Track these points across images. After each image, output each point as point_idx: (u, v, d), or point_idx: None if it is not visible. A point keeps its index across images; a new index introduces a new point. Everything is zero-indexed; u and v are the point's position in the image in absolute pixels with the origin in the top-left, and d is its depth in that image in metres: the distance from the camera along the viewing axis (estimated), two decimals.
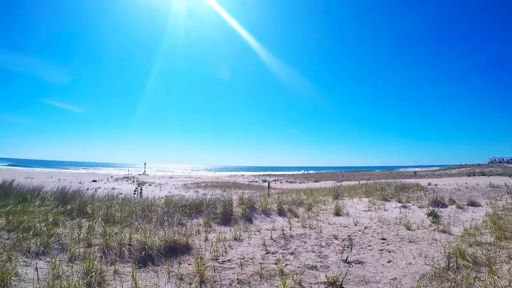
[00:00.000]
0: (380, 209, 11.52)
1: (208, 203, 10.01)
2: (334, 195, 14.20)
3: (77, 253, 5.84)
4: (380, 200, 13.54)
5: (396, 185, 19.08)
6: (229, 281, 5.04)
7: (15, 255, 5.56)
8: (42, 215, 8.12)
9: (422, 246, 6.79)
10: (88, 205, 9.40)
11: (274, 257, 6.20)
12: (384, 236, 7.71)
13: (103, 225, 7.61)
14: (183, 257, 6.13)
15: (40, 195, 10.54)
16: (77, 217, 8.31)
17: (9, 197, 9.80)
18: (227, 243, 7.03)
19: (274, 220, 9.50)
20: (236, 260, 6.00)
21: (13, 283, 4.45)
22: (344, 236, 7.73)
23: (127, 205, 9.71)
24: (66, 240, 6.50)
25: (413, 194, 15.63)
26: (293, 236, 7.73)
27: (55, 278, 4.62)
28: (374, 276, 5.20)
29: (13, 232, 6.90)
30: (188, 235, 7.17)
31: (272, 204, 10.97)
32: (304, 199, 12.61)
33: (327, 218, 9.78)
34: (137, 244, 6.21)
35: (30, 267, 5.16)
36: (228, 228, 8.42)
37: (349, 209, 11.31)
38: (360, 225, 8.98)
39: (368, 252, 6.52)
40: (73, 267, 5.15)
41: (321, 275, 5.23)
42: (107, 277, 4.98)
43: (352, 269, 5.50)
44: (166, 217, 8.71)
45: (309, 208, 11.06)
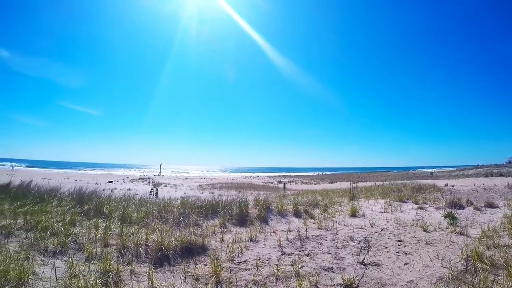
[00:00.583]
0: (396, 211, 11.42)
1: (224, 204, 10.04)
2: (350, 196, 14.12)
3: (94, 253, 5.91)
4: (397, 201, 13.41)
5: (412, 186, 18.90)
6: (245, 282, 5.04)
7: (33, 254, 5.64)
8: (59, 215, 8.21)
9: (439, 248, 6.71)
10: (105, 205, 9.47)
11: (290, 258, 6.19)
12: (401, 238, 7.64)
13: (119, 225, 7.66)
14: (199, 257, 6.14)
15: (58, 196, 10.65)
16: (94, 217, 8.37)
17: (27, 198, 9.92)
18: (243, 244, 7.03)
19: (290, 221, 9.46)
20: (252, 261, 5.99)
21: (31, 282, 4.51)
22: (360, 238, 7.68)
23: (143, 206, 9.78)
24: (83, 240, 6.56)
25: (430, 195, 15.46)
26: (309, 237, 7.70)
27: (72, 277, 4.66)
28: (391, 279, 5.15)
29: (30, 231, 6.99)
30: (204, 236, 7.18)
31: (288, 205, 10.95)
32: (320, 200, 12.56)
33: (343, 220, 9.72)
34: (154, 245, 6.24)
35: (47, 266, 5.23)
36: (244, 229, 8.42)
37: (365, 211, 11.23)
38: (376, 226, 8.91)
39: (385, 254, 6.46)
40: (90, 267, 5.18)
41: (337, 277, 5.20)
42: (124, 277, 5.02)
43: (369, 271, 5.46)
44: (182, 218, 8.75)
45: (325, 209, 11.01)
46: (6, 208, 8.68)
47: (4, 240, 6.47)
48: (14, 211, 8.38)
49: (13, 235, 6.83)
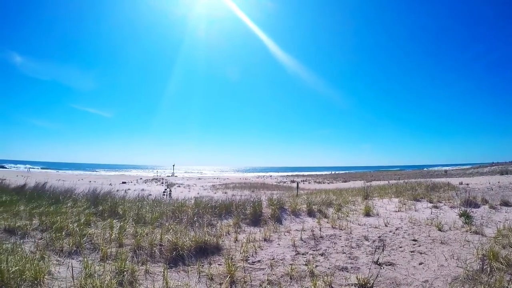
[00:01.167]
0: (410, 210, 11.33)
1: (238, 204, 10.04)
2: (363, 195, 14.04)
3: (109, 253, 5.95)
4: (411, 200, 13.31)
5: (426, 185, 18.69)
6: (259, 281, 5.04)
7: (48, 255, 5.70)
8: (74, 216, 8.30)
9: (454, 248, 6.66)
10: (119, 206, 9.55)
11: (304, 258, 6.17)
12: (415, 237, 7.58)
13: (134, 225, 7.72)
14: (214, 257, 6.15)
15: (72, 197, 10.78)
16: (109, 218, 8.44)
17: (42, 199, 10.05)
18: (257, 243, 7.02)
19: (303, 221, 9.43)
20: (266, 261, 5.99)
21: (46, 281, 4.55)
22: (374, 237, 7.64)
23: (157, 206, 9.83)
24: (98, 240, 6.62)
25: (444, 194, 15.28)
26: (323, 237, 7.67)
27: (88, 276, 4.69)
28: (406, 279, 5.12)
29: (46, 232, 7.07)
30: (218, 236, 7.19)
31: (302, 204, 10.91)
32: (334, 200, 12.50)
33: (357, 219, 9.68)
34: (168, 245, 6.26)
35: (62, 266, 5.28)
36: (257, 229, 8.41)
37: (379, 210, 11.17)
38: (390, 226, 8.85)
39: (399, 253, 6.42)
40: (105, 267, 5.22)
41: (351, 276, 5.17)
42: (139, 277, 5.04)
43: (383, 271, 5.43)
44: (196, 218, 8.78)
45: (339, 209, 10.97)
46: (21, 209, 8.80)
47: (20, 240, 6.56)
48: (29, 212, 8.50)
49: (29, 236, 6.93)
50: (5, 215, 8.19)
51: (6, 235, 6.93)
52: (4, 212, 8.52)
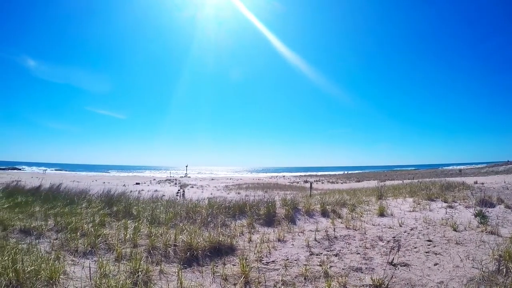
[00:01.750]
0: (425, 210, 11.23)
1: (251, 205, 10.05)
2: (377, 195, 13.94)
3: (124, 253, 6.01)
4: (425, 200, 13.18)
5: (441, 184, 18.47)
6: (274, 282, 5.04)
7: (63, 255, 5.77)
8: (89, 216, 8.39)
9: (469, 248, 6.58)
10: (133, 207, 9.62)
11: (318, 258, 6.15)
12: (430, 237, 7.51)
13: (148, 226, 7.78)
14: (228, 258, 6.17)
15: (87, 198, 10.86)
16: (123, 218, 8.52)
17: (57, 200, 10.15)
18: (271, 244, 7.02)
19: (317, 221, 9.41)
20: (280, 261, 5.98)
21: (62, 281, 4.59)
22: (389, 238, 7.60)
23: (171, 207, 9.86)
24: (112, 240, 6.68)
25: (459, 194, 15.11)
26: (337, 237, 7.65)
27: (102, 276, 4.75)
28: (421, 280, 5.07)
29: (61, 232, 7.16)
30: (232, 236, 7.23)
31: (315, 205, 10.88)
32: (347, 200, 12.43)
33: (371, 219, 9.63)
34: (182, 245, 6.30)
35: (77, 266, 5.34)
36: (271, 229, 8.41)
37: (393, 210, 11.09)
38: (405, 226, 8.79)
39: (414, 254, 6.37)
40: (119, 267, 5.27)
41: (366, 277, 5.16)
42: (153, 277, 5.08)
43: (398, 271, 5.40)
44: (210, 218, 8.81)
45: (353, 209, 10.92)
46: (37, 210, 8.91)
47: (35, 240, 6.66)
48: (44, 213, 8.59)
49: (44, 236, 7.02)
50: (20, 216, 8.29)
51: (21, 235, 7.03)
52: (20, 213, 8.62)
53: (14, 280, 4.35)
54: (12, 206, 9.34)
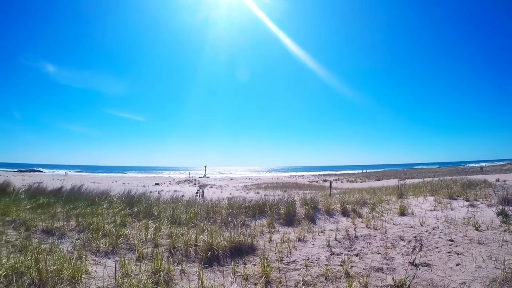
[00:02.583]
0: (446, 208, 11.12)
1: (271, 204, 10.07)
2: (397, 194, 13.83)
3: (145, 253, 6.07)
4: (446, 198, 13.03)
5: (462, 182, 18.18)
6: (295, 282, 5.02)
7: (85, 254, 5.86)
8: (110, 217, 8.48)
9: (492, 248, 6.47)
10: (154, 207, 9.71)
11: (339, 258, 6.13)
12: (452, 237, 7.42)
13: (169, 226, 7.85)
14: (248, 257, 6.18)
15: (108, 199, 11.00)
16: (144, 218, 8.60)
17: (79, 201, 10.30)
18: (291, 244, 7.02)
19: (337, 221, 9.40)
20: (301, 261, 5.98)
21: (84, 280, 4.65)
22: (410, 237, 7.54)
23: (191, 207, 9.93)
24: (133, 240, 6.75)
25: (481, 192, 14.85)
26: (357, 237, 7.62)
27: (124, 276, 4.80)
28: (442, 280, 5.00)
29: (83, 232, 7.26)
30: (252, 236, 7.25)
31: (335, 204, 10.85)
32: (367, 199, 12.39)
33: (391, 218, 9.58)
34: (203, 245, 6.32)
35: (99, 266, 5.40)
36: (291, 229, 8.41)
37: (414, 209, 11.01)
38: (426, 225, 8.71)
39: (436, 254, 6.28)
40: (141, 266, 5.33)
41: (387, 277, 5.11)
42: (174, 276, 5.12)
43: (420, 272, 5.34)
44: (230, 218, 8.85)
45: (373, 208, 10.88)
46: (59, 211, 9.03)
47: (58, 240, 6.76)
48: (66, 214, 8.72)
49: (66, 236, 7.12)
50: (43, 216, 8.42)
51: (44, 235, 7.15)
52: (42, 213, 8.75)
53: (37, 279, 4.41)
54: (34, 207, 9.49)
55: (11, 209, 9.08)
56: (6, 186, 14.51)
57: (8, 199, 10.86)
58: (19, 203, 10.04)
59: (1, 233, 7.05)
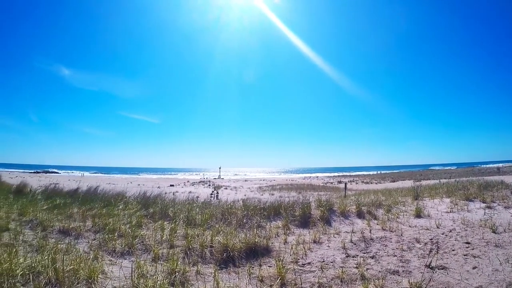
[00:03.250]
0: (463, 210, 10.99)
1: (286, 206, 10.08)
2: (413, 196, 13.72)
3: (160, 254, 6.14)
4: (463, 200, 12.80)
5: (479, 184, 17.90)
6: (310, 284, 5.02)
7: (101, 255, 5.95)
8: (126, 218, 8.59)
9: (509, 251, 6.39)
10: (169, 208, 9.79)
11: (355, 260, 6.09)
12: (468, 239, 7.34)
13: (184, 227, 7.91)
14: (263, 259, 6.19)
15: (123, 200, 11.12)
16: (159, 219, 8.68)
17: (95, 202, 10.43)
18: (307, 245, 7.00)
19: (353, 223, 9.37)
20: (316, 263, 5.96)
21: (100, 280, 4.71)
22: (426, 240, 7.47)
23: (206, 208, 9.99)
24: (149, 241, 6.83)
25: (498, 193, 14.59)
26: (373, 239, 7.58)
27: (140, 276, 4.85)
28: (459, 283, 4.97)
29: (99, 233, 7.38)
30: (267, 238, 7.23)
31: (350, 206, 10.81)
32: (383, 200, 12.31)
33: (407, 220, 9.50)
34: (218, 246, 6.37)
35: (115, 266, 5.48)
36: (306, 231, 8.41)
37: (430, 211, 10.89)
38: (442, 227, 8.62)
39: (452, 257, 6.23)
40: (156, 267, 5.37)
41: (403, 280, 5.09)
42: (190, 277, 5.15)
43: (436, 275, 5.29)
44: (245, 219, 8.88)
45: (389, 210, 10.80)
46: (75, 212, 9.16)
47: (74, 241, 6.89)
48: (82, 214, 8.85)
49: (82, 237, 7.25)
50: (59, 217, 8.56)
51: (60, 235, 7.28)
52: (59, 214, 8.89)
53: (53, 278, 4.49)
54: (51, 208, 9.64)
55: (28, 209, 9.25)
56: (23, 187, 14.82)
57: (25, 200, 11.09)
58: (36, 204, 10.22)
59: (18, 233, 7.19)
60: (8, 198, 11.82)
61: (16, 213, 9.17)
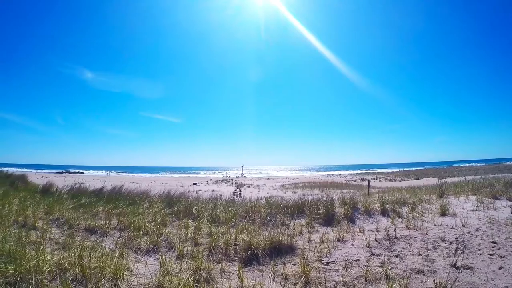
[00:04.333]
0: (489, 208, 10.78)
1: (310, 204, 10.06)
2: (438, 193, 13.55)
3: (185, 252, 6.21)
4: (489, 198, 12.59)
5: (505, 181, 17.46)
6: (334, 283, 5.01)
7: (127, 252, 6.03)
8: (150, 216, 8.69)
9: None
10: (193, 206, 9.87)
11: (379, 259, 6.07)
12: (495, 239, 7.22)
13: (208, 225, 7.97)
14: (288, 257, 6.20)
15: (148, 198, 11.26)
16: (184, 218, 8.76)
17: (120, 200, 10.58)
18: (331, 244, 6.98)
19: (377, 221, 9.31)
20: (341, 261, 5.96)
21: (126, 277, 4.79)
22: (451, 239, 7.38)
23: (230, 207, 10.05)
24: (174, 239, 6.92)
25: None
26: (397, 237, 7.52)
27: (165, 274, 4.90)
28: (485, 284, 4.90)
29: (124, 231, 7.50)
30: (291, 236, 7.24)
31: (374, 203, 10.75)
32: (407, 198, 12.18)
33: (432, 219, 9.38)
34: (243, 244, 6.39)
35: (140, 263, 5.56)
36: (330, 229, 8.38)
37: (455, 209, 10.72)
38: (468, 226, 8.51)
39: (478, 256, 6.15)
40: (181, 265, 5.43)
41: (428, 280, 5.05)
42: (215, 275, 5.20)
43: (461, 275, 5.23)
44: (269, 218, 8.89)
45: (413, 208, 10.68)
46: (100, 210, 9.32)
47: (100, 238, 7.02)
48: (108, 213, 8.99)
49: (108, 235, 7.37)
50: (85, 215, 8.72)
51: (86, 233, 7.45)
52: (84, 212, 9.07)
53: (80, 275, 4.61)
54: (76, 207, 9.83)
55: (54, 208, 9.44)
56: (49, 187, 15.13)
57: (52, 199, 11.31)
58: (62, 203, 10.42)
59: (45, 231, 7.35)
60: (35, 198, 12.04)
61: (43, 212, 9.37)
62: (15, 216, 8.67)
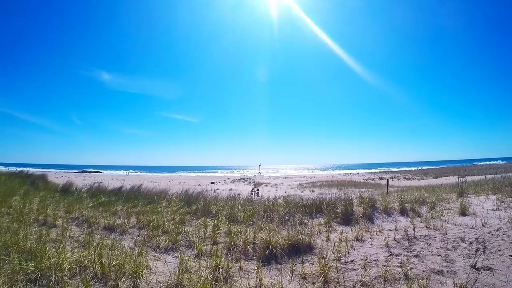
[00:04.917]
0: (509, 208, 10.58)
1: (328, 203, 10.01)
2: (458, 193, 13.38)
3: (204, 250, 6.26)
4: (510, 197, 12.40)
5: None
6: (353, 282, 5.00)
7: (146, 250, 6.11)
8: (169, 215, 8.77)
9: None
10: (211, 205, 9.92)
11: (398, 259, 6.03)
12: None
13: (227, 224, 8.01)
14: (306, 256, 6.19)
15: (166, 197, 11.36)
16: (202, 216, 8.82)
17: (138, 199, 10.70)
18: (349, 243, 6.96)
19: (396, 220, 9.24)
20: (359, 261, 5.93)
21: (145, 275, 4.85)
22: (471, 239, 7.29)
23: (248, 205, 10.05)
24: (192, 237, 6.98)
25: None
26: (416, 237, 7.45)
27: (184, 272, 4.93)
28: (505, 286, 4.83)
29: (143, 230, 7.59)
30: (310, 235, 7.20)
31: (393, 203, 10.66)
32: (426, 197, 12.06)
33: (451, 218, 9.27)
34: (261, 243, 6.43)
35: (159, 261, 5.62)
36: (349, 228, 8.34)
37: (475, 208, 10.57)
38: (488, 226, 8.38)
39: (498, 257, 6.06)
40: (200, 263, 5.48)
41: (448, 281, 5.00)
42: (233, 274, 5.23)
43: (481, 276, 5.17)
44: (287, 216, 8.87)
45: (432, 207, 10.56)
46: (119, 209, 9.43)
47: (119, 237, 7.12)
48: (127, 212, 9.08)
49: (127, 233, 7.47)
50: (104, 214, 8.83)
51: (106, 232, 7.56)
52: (104, 211, 9.18)
53: (99, 272, 4.70)
54: (96, 205, 9.97)
55: (74, 207, 9.59)
56: (69, 186, 15.38)
57: (71, 198, 11.50)
58: (81, 202, 10.59)
59: (65, 229, 7.48)
60: (55, 197, 12.25)
61: (63, 210, 9.51)
62: (36, 214, 8.83)
